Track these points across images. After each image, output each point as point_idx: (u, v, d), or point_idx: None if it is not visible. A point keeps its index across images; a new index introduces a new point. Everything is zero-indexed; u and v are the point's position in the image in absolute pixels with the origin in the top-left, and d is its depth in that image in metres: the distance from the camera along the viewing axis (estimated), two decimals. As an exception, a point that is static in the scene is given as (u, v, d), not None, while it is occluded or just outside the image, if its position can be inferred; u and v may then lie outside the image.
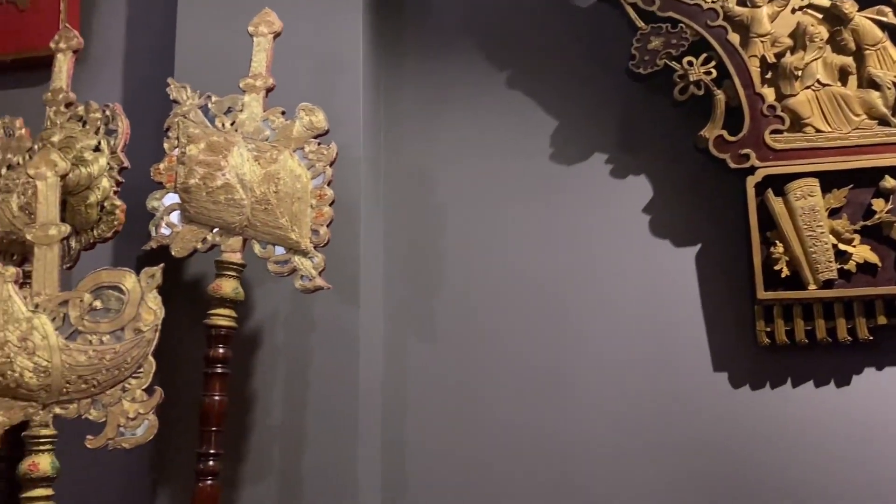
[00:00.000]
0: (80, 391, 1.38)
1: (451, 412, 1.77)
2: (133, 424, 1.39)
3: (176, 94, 1.60)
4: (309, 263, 1.50)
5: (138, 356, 1.40)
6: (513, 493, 1.72)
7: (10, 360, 1.36)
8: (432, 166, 1.87)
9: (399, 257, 1.85)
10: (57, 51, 1.65)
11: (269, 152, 1.54)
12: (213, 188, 1.52)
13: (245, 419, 1.64)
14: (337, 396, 1.62)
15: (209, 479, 1.43)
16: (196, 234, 1.53)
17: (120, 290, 1.41)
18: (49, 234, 1.42)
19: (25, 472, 1.34)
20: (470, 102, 1.89)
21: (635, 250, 1.74)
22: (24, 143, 1.62)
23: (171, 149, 1.57)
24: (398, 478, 1.74)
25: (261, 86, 1.57)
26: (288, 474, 1.61)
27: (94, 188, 1.55)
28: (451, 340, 1.80)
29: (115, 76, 2.02)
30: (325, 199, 1.52)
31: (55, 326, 1.39)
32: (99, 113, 1.59)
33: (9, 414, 1.38)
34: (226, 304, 1.49)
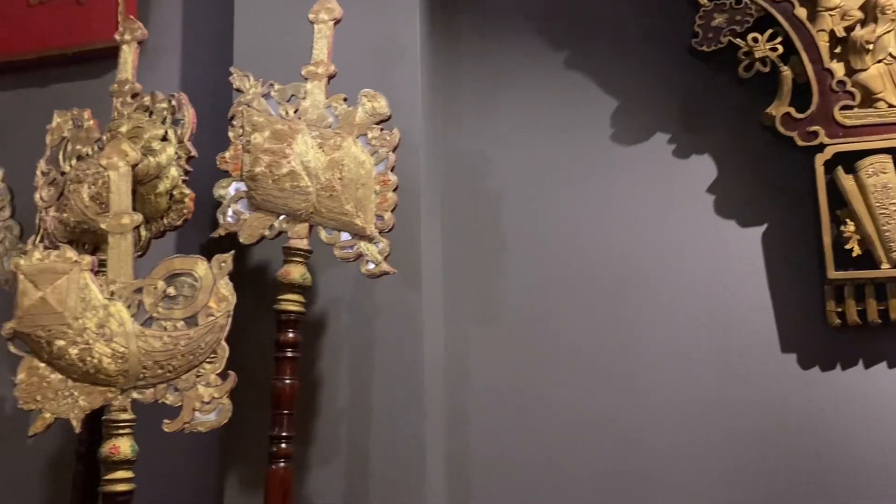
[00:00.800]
0: (156, 376, 1.42)
1: (513, 394, 1.78)
2: (208, 408, 1.42)
3: (239, 83, 1.61)
4: (374, 249, 1.51)
5: (212, 341, 1.43)
6: (575, 474, 1.72)
7: (90, 347, 1.40)
8: (490, 149, 1.87)
9: (457, 241, 1.85)
10: (122, 42, 1.68)
11: (332, 139, 1.55)
12: (279, 176, 1.54)
13: (312, 402, 1.67)
14: (402, 379, 1.64)
15: (282, 461, 1.46)
16: (263, 222, 1.55)
17: (192, 277, 1.44)
18: (122, 223, 1.45)
19: (107, 455, 1.38)
20: (527, 84, 1.88)
21: (700, 231, 1.72)
22: (92, 134, 1.65)
23: (236, 137, 1.58)
24: (462, 459, 1.76)
25: (323, 73, 1.58)
26: (355, 456, 1.63)
27: (162, 177, 1.57)
28: (512, 323, 1.80)
29: (173, 66, 2.04)
30: (389, 185, 1.53)
31: (131, 313, 1.42)
32: (165, 103, 1.61)
33: (89, 399, 1.42)
34: (294, 290, 1.51)
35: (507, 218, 1.84)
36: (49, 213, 1.64)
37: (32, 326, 1.40)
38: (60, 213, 1.61)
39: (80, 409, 1.41)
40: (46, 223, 1.64)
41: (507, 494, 1.75)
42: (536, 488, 1.74)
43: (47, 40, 2.07)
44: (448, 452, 1.75)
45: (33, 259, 1.42)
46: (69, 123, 1.68)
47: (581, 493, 1.71)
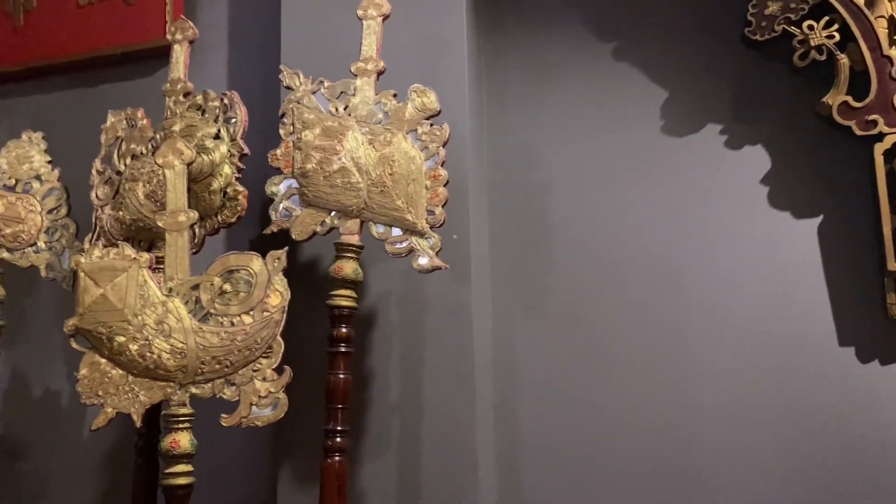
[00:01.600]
0: (214, 371, 1.44)
1: (561, 388, 1.77)
2: (264, 403, 1.44)
3: (289, 81, 1.62)
4: (426, 244, 1.51)
5: (268, 337, 1.44)
6: (624, 469, 1.71)
7: (149, 343, 1.42)
8: (537, 143, 1.86)
9: (504, 235, 1.84)
10: (173, 42, 1.70)
11: (382, 135, 1.55)
12: (330, 172, 1.55)
13: (363, 396, 1.68)
14: (452, 373, 1.64)
15: (337, 455, 1.47)
16: (315, 218, 1.57)
17: (248, 273, 1.46)
18: (179, 220, 1.47)
19: (167, 449, 1.40)
20: (575, 76, 1.86)
21: (754, 223, 1.69)
22: (146, 134, 1.67)
23: (287, 135, 1.59)
24: (512, 453, 1.76)
25: (372, 69, 1.58)
26: (407, 449, 1.64)
27: (216, 175, 1.59)
28: (560, 317, 1.79)
29: (220, 64, 2.06)
30: (440, 180, 1.53)
31: (188, 309, 1.44)
32: (217, 101, 1.63)
33: (149, 394, 1.44)
34: (347, 285, 1.52)
35: (555, 211, 1.83)
36: (105, 212, 1.67)
37: (94, 323, 1.43)
38: (116, 212, 1.64)
39: (141, 404, 1.44)
40: (103, 221, 1.67)
41: (557, 488, 1.74)
42: (586, 482, 1.73)
43: (97, 41, 2.11)
44: (497, 446, 1.75)
45: (93, 257, 1.45)
46: (123, 123, 1.71)
47: (630, 489, 1.70)
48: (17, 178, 1.78)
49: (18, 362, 2.07)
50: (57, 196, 1.78)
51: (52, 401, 2.05)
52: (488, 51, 1.92)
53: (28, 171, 1.78)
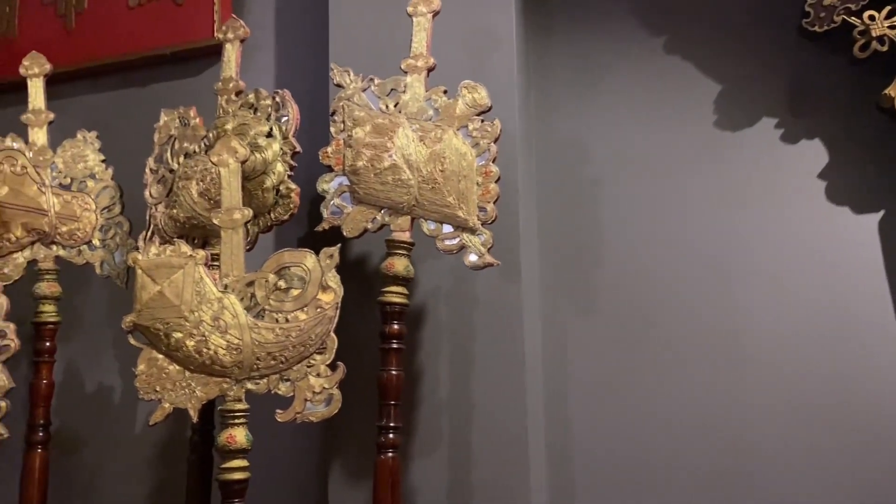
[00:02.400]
0: (269, 367, 1.45)
1: (612, 387, 1.76)
2: (318, 399, 1.44)
3: (339, 79, 1.63)
4: (477, 241, 1.51)
5: (321, 333, 1.45)
6: (677, 470, 1.69)
7: (206, 339, 1.44)
8: (587, 138, 1.84)
9: (554, 232, 1.83)
10: (225, 41, 1.71)
11: (433, 132, 1.55)
12: (381, 169, 1.55)
13: (413, 393, 1.68)
14: (503, 371, 1.64)
15: (390, 451, 1.48)
16: (366, 215, 1.57)
17: (301, 269, 1.47)
18: (234, 218, 1.48)
19: (224, 445, 1.42)
20: (624, 71, 1.84)
21: (811, 219, 1.66)
22: (199, 132, 1.69)
23: (338, 132, 1.60)
24: (562, 452, 1.75)
25: (422, 66, 1.58)
26: (458, 446, 1.64)
27: (269, 173, 1.60)
28: (611, 316, 1.78)
29: (267, 63, 2.08)
30: (491, 177, 1.52)
31: (244, 306, 1.46)
32: (269, 100, 1.64)
33: (205, 389, 1.46)
34: (398, 282, 1.52)
35: (605, 208, 1.81)
36: (158, 210, 1.70)
37: (151, 319, 1.45)
38: (170, 210, 1.66)
39: (197, 399, 1.45)
40: (156, 219, 1.69)
41: (609, 486, 1.73)
42: (637, 481, 1.71)
43: (147, 41, 2.14)
44: (548, 444, 1.75)
45: (150, 254, 1.47)
46: (176, 121, 1.73)
47: (682, 488, 1.68)
48: (73, 177, 1.81)
49: (72, 358, 2.11)
50: (111, 194, 1.81)
51: (105, 396, 2.09)
52: (537, 46, 1.91)
53: (83, 169, 1.81)
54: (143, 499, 2.00)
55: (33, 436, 1.75)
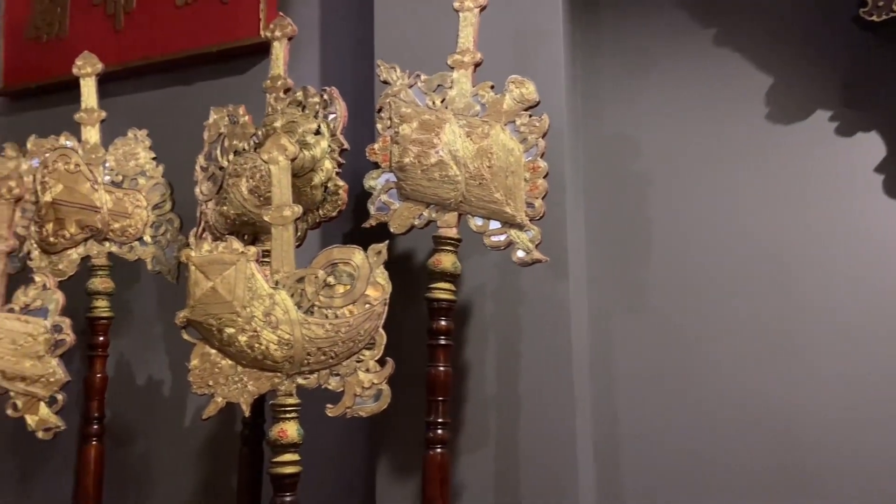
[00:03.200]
0: (319, 362, 1.46)
1: (660, 384, 1.74)
2: (368, 394, 1.46)
3: (386, 75, 1.63)
4: (525, 237, 1.50)
5: (370, 329, 1.46)
6: (728, 469, 1.67)
7: (257, 334, 1.46)
8: (635, 132, 1.82)
9: (601, 227, 1.82)
10: (273, 39, 1.73)
11: (480, 127, 1.55)
12: (428, 166, 1.55)
13: (460, 389, 1.68)
14: (550, 368, 1.63)
15: (439, 447, 1.48)
16: (413, 211, 1.57)
17: (350, 266, 1.48)
18: (284, 215, 1.50)
19: (276, 439, 1.44)
20: (673, 63, 1.81)
21: (867, 214, 1.62)
22: (248, 130, 1.71)
23: (384, 129, 1.60)
24: (610, 449, 1.74)
25: (469, 61, 1.58)
26: (505, 443, 1.64)
27: (317, 170, 1.61)
28: (661, 312, 1.76)
29: (312, 60, 2.09)
30: (539, 172, 1.52)
31: (294, 302, 1.47)
32: (317, 97, 1.65)
33: (257, 384, 1.48)
34: (446, 278, 1.52)
35: (653, 203, 1.79)
36: (209, 207, 1.72)
37: (204, 315, 1.47)
38: (220, 206, 1.68)
39: (249, 394, 1.48)
40: (207, 216, 1.71)
41: (657, 484, 1.72)
42: (687, 481, 1.70)
43: (193, 40, 2.17)
44: (596, 442, 1.74)
45: (203, 250, 1.49)
46: (225, 119, 1.75)
47: (734, 491, 1.66)
48: (124, 175, 1.85)
49: (123, 352, 2.15)
50: (161, 191, 1.84)
51: (155, 389, 2.13)
52: (583, 39, 1.89)
53: (134, 167, 1.85)
54: (195, 489, 2.04)
55: (88, 428, 1.80)
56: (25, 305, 1.70)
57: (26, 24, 2.43)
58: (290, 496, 1.43)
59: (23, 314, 1.70)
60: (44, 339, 1.68)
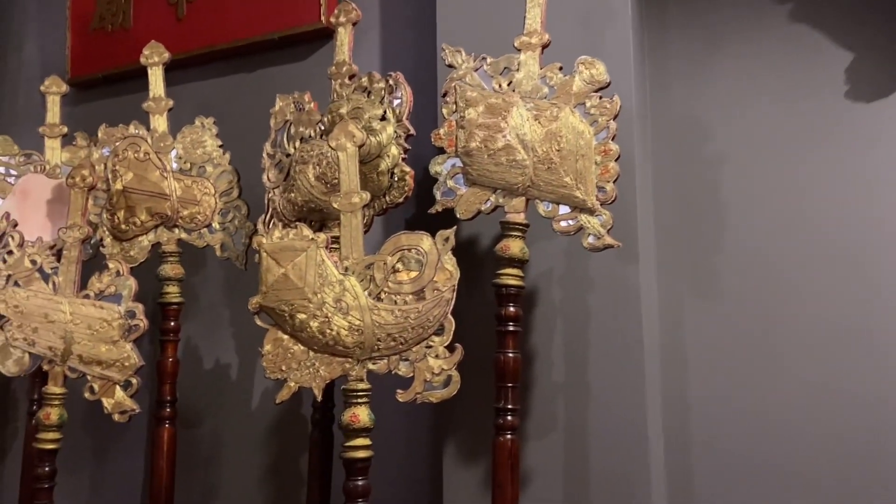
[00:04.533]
0: (389, 348, 1.47)
1: (732, 373, 1.70)
2: (438, 380, 1.46)
3: (451, 59, 1.62)
4: (596, 221, 1.48)
5: (439, 315, 1.46)
6: (802, 460, 1.62)
7: (328, 320, 1.47)
8: (705, 114, 1.77)
9: (670, 211, 1.78)
10: (337, 24, 1.73)
11: (548, 110, 1.52)
12: (494, 150, 1.53)
13: (527, 375, 1.67)
14: (620, 354, 1.61)
15: (508, 433, 1.48)
16: (479, 197, 1.56)
17: (418, 252, 1.47)
18: (352, 201, 1.50)
19: (347, 423, 1.45)
20: (746, 42, 1.75)
21: (955, 196, 1.56)
22: (313, 117, 1.71)
23: (450, 114, 1.59)
24: (680, 438, 1.71)
25: (536, 43, 1.55)
26: (573, 430, 1.63)
27: (383, 156, 1.61)
28: (731, 298, 1.71)
29: (373, 45, 2.09)
30: (611, 155, 1.49)
31: (363, 288, 1.48)
32: (382, 83, 1.64)
33: (329, 369, 1.50)
34: (514, 264, 1.51)
35: (726, 186, 1.74)
36: (276, 194, 1.74)
37: (276, 301, 1.49)
38: (288, 193, 1.70)
39: (321, 379, 1.49)
40: (275, 203, 1.73)
41: (727, 473, 1.68)
42: (760, 470, 1.66)
43: (255, 27, 2.18)
44: (666, 429, 1.71)
45: (274, 238, 1.51)
46: (291, 106, 1.76)
47: (805, 483, 1.62)
48: (192, 163, 1.87)
49: (190, 336, 2.20)
50: (228, 179, 1.86)
51: (222, 372, 2.18)
52: (652, 17, 1.84)
53: (202, 155, 1.87)
54: (263, 470, 2.08)
55: (161, 411, 1.85)
56: (100, 291, 1.74)
57: (91, 15, 2.48)
58: (361, 480, 1.45)
59: (97, 300, 1.75)
60: (118, 325, 1.73)
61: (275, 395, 2.05)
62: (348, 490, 1.44)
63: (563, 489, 1.62)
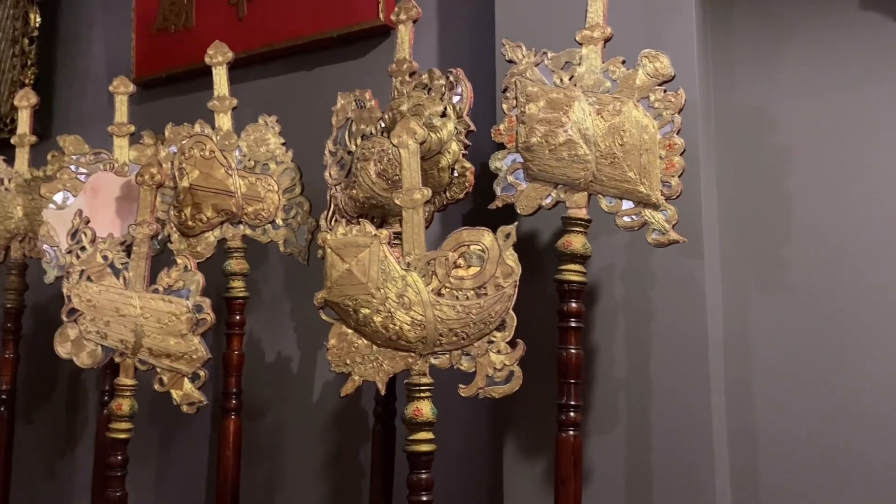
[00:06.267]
0: (451, 343, 1.48)
1: (799, 370, 1.66)
2: (500, 375, 1.46)
3: (511, 54, 1.61)
4: (661, 217, 1.46)
5: (501, 311, 1.46)
6: (872, 460, 1.58)
7: (391, 315, 1.49)
8: (771, 104, 1.73)
9: (735, 204, 1.74)
10: (398, 22, 1.74)
11: (611, 104, 1.51)
12: (556, 145, 1.53)
13: (588, 371, 1.67)
14: (684, 350, 1.59)
15: (571, 429, 1.48)
16: (540, 192, 1.56)
17: (479, 247, 1.48)
18: (414, 198, 1.51)
19: (411, 417, 1.46)
20: (814, 28, 1.70)
21: None
22: (374, 114, 1.73)
23: (510, 109, 1.59)
24: (745, 436, 1.68)
25: (598, 36, 1.54)
26: (636, 426, 1.62)
27: (444, 152, 1.62)
28: (800, 294, 1.67)
29: (430, 41, 2.09)
30: (676, 149, 1.47)
31: (425, 283, 1.49)
32: (443, 79, 1.65)
33: (392, 363, 1.52)
34: (576, 260, 1.50)
35: (792, 178, 1.70)
36: (338, 190, 1.76)
37: (341, 296, 1.51)
38: (349, 190, 1.72)
39: (385, 373, 1.51)
40: (337, 199, 1.76)
41: (793, 472, 1.65)
42: (826, 470, 1.62)
43: (314, 25, 2.21)
44: (730, 426, 1.68)
45: (338, 234, 1.53)
46: (352, 104, 1.78)
47: (874, 483, 1.57)
48: (256, 160, 1.91)
49: (254, 330, 2.25)
50: (291, 176, 1.90)
51: (283, 365, 2.22)
52: (715, 5, 1.80)
53: (265, 153, 1.91)
54: (324, 461, 2.12)
55: (227, 403, 1.89)
56: (169, 286, 1.79)
57: (155, 17, 2.55)
58: (425, 473, 1.46)
59: (166, 294, 1.80)
60: (186, 319, 1.77)
61: (334, 388, 2.12)
62: (412, 483, 1.46)
63: (625, 485, 1.61)
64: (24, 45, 2.90)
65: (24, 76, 2.87)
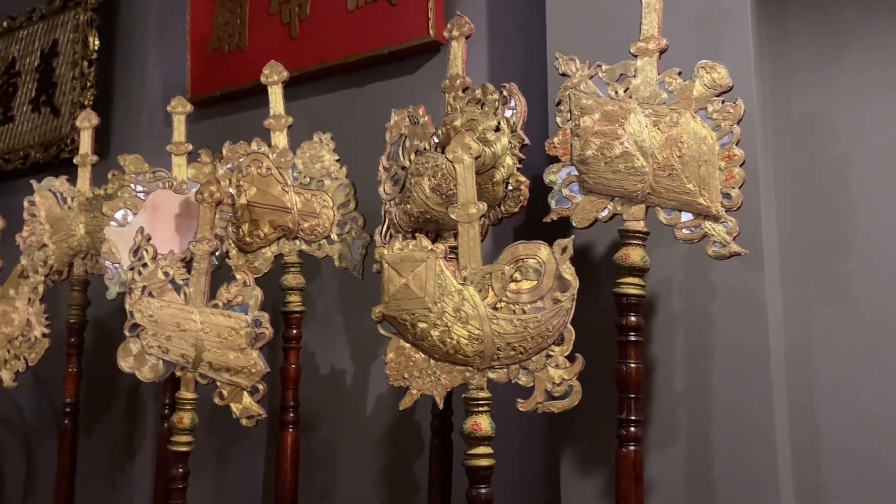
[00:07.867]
0: (509, 357, 1.48)
1: (862, 382, 1.62)
2: (558, 390, 1.46)
3: (565, 68, 1.61)
4: (722, 229, 1.44)
5: (558, 325, 1.46)
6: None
7: (448, 329, 1.50)
8: (830, 112, 1.70)
9: (795, 215, 1.71)
10: (450, 38, 1.75)
11: (668, 116, 1.50)
12: (612, 158, 1.52)
13: (649, 385, 1.65)
14: (745, 362, 1.56)
15: (632, 444, 1.46)
16: (596, 205, 1.55)
17: (536, 261, 1.48)
18: (470, 212, 1.52)
19: (470, 432, 1.47)
20: (874, 35, 1.67)
21: None
22: (428, 130, 1.75)
23: (564, 122, 1.59)
24: (809, 449, 1.64)
25: (654, 48, 1.53)
26: (697, 440, 1.59)
27: (498, 166, 1.63)
28: (862, 306, 1.63)
29: (480, 56, 2.11)
30: (735, 160, 1.45)
31: (482, 297, 1.49)
32: (496, 94, 1.66)
33: (450, 377, 1.52)
34: (634, 273, 1.49)
35: (853, 189, 1.66)
36: (392, 205, 1.78)
37: (398, 310, 1.52)
38: (404, 205, 1.73)
39: (443, 387, 1.52)
40: (391, 214, 1.77)
41: (859, 486, 1.60)
42: (891, 482, 1.58)
43: (365, 43, 2.24)
44: (793, 441, 1.65)
45: (395, 249, 1.55)
46: (406, 120, 1.80)
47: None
48: (311, 177, 1.94)
49: (308, 343, 2.27)
50: (346, 192, 1.92)
51: (338, 378, 2.24)
52: (771, 12, 1.77)
53: (320, 169, 1.94)
54: (380, 474, 2.13)
55: (285, 416, 1.92)
56: (228, 301, 1.83)
57: (209, 37, 2.62)
58: (484, 488, 1.47)
59: (226, 309, 1.83)
60: (245, 333, 1.80)
61: (388, 401, 2.13)
62: (472, 498, 1.46)
63: (686, 500, 1.58)
64: (83, 67, 3.01)
65: (84, 97, 2.97)
